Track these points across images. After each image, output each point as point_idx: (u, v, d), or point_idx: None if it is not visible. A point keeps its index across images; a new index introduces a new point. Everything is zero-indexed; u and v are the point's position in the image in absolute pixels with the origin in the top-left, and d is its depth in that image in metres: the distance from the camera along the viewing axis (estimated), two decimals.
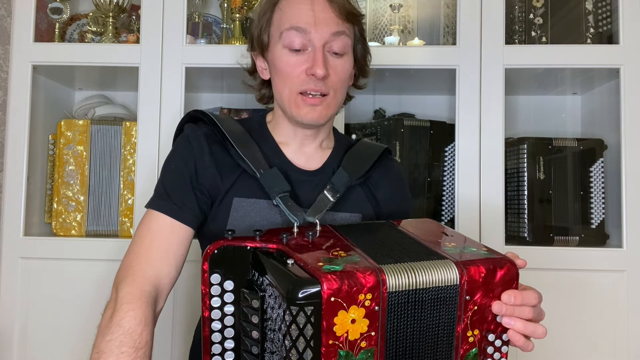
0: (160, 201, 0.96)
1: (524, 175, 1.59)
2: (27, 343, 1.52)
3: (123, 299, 0.86)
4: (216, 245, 0.77)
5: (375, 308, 0.67)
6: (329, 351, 0.66)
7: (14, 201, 1.54)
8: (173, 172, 0.98)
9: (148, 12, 1.56)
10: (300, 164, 1.03)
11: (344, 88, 1.01)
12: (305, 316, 0.65)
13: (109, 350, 0.79)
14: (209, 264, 0.77)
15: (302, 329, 0.66)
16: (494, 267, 0.74)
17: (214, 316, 0.77)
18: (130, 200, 1.61)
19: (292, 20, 0.95)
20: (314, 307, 0.65)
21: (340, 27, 0.95)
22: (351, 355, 0.67)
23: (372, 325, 0.67)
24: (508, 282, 0.75)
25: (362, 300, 0.67)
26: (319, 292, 0.65)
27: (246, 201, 0.97)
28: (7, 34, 1.59)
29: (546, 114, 1.87)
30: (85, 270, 1.52)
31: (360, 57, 1.04)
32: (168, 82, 1.54)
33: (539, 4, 1.62)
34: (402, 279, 0.70)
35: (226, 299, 0.78)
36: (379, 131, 1.67)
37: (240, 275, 0.78)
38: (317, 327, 0.65)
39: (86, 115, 1.76)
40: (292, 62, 0.95)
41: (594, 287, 1.49)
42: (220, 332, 0.78)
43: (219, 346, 0.78)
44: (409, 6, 1.68)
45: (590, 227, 1.59)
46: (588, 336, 1.49)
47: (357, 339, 0.67)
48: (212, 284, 0.77)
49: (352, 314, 0.66)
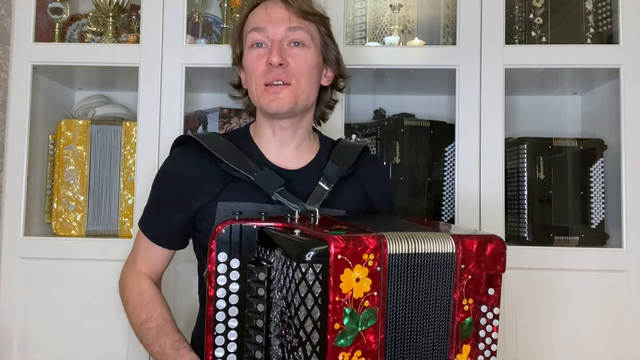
0: (145, 222, 1.13)
1: (524, 175, 1.59)
2: (27, 343, 1.52)
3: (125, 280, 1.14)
4: (224, 224, 0.81)
5: (377, 269, 0.72)
6: (335, 308, 0.69)
7: (14, 201, 1.54)
8: (155, 195, 1.12)
9: (148, 12, 1.55)
10: (284, 165, 1.10)
11: (310, 79, 1.06)
12: (314, 273, 0.69)
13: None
14: (216, 242, 0.80)
15: (311, 286, 0.69)
16: (485, 241, 0.81)
17: (219, 294, 0.79)
18: (130, 200, 1.60)
19: (253, 24, 1.07)
20: (323, 264, 0.69)
21: (295, 24, 1.04)
22: (355, 313, 0.70)
23: (374, 285, 0.71)
24: (497, 255, 0.82)
25: (366, 260, 0.71)
26: (327, 250, 0.69)
27: (229, 204, 1.03)
28: (7, 34, 1.60)
29: (546, 114, 1.86)
30: (85, 270, 1.52)
31: (331, 56, 1.11)
32: (168, 82, 1.54)
33: (539, 4, 1.62)
34: (402, 244, 0.75)
35: (232, 277, 0.80)
36: (379, 131, 1.67)
37: (246, 253, 0.81)
38: (324, 284, 0.69)
39: (86, 115, 1.76)
40: (255, 57, 1.05)
41: (594, 287, 1.49)
42: (224, 311, 0.80)
43: (222, 325, 0.79)
44: (409, 6, 1.67)
45: (590, 227, 1.59)
46: (588, 336, 1.49)
47: (361, 298, 0.71)
48: (219, 262, 0.80)
49: (356, 272, 0.70)
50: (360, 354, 0.70)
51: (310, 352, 0.69)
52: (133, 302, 1.10)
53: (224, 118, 1.72)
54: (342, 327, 0.69)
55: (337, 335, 0.69)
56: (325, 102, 1.17)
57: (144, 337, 1.04)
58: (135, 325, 1.07)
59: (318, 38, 1.08)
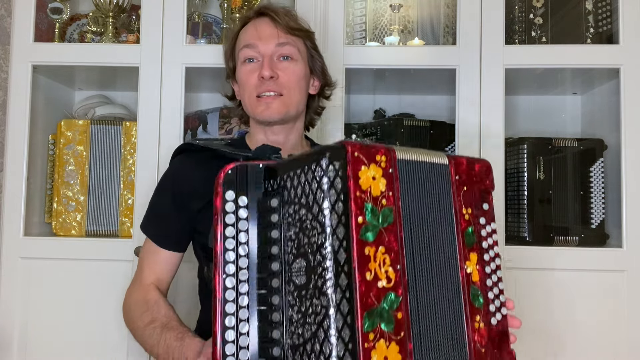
0: (147, 224, 1.14)
1: (524, 175, 1.59)
2: (27, 343, 1.52)
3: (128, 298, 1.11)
4: (229, 166, 0.81)
5: (390, 170, 0.76)
6: (357, 202, 0.71)
7: (14, 201, 1.54)
8: (156, 199, 1.15)
9: (148, 12, 1.56)
10: None
11: (299, 89, 1.13)
12: (334, 170, 0.72)
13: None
14: (223, 182, 0.80)
15: (332, 181, 0.72)
16: (472, 161, 0.91)
17: (228, 233, 0.79)
18: (130, 200, 1.60)
19: (244, 41, 1.14)
20: (341, 161, 0.72)
21: (283, 39, 1.11)
22: (375, 210, 0.73)
23: (389, 185, 0.76)
24: (485, 171, 0.92)
25: (379, 160, 0.75)
26: (344, 148, 0.72)
27: None
28: (7, 34, 1.60)
29: (546, 114, 1.86)
30: (85, 270, 1.52)
31: (317, 67, 1.19)
32: (168, 82, 1.54)
33: (539, 4, 1.62)
34: (407, 153, 0.82)
35: (241, 215, 0.80)
36: (379, 131, 1.67)
37: (253, 191, 0.82)
38: (344, 180, 0.71)
39: (86, 115, 1.76)
40: (248, 71, 1.12)
41: (594, 287, 1.49)
42: (233, 251, 0.79)
43: (232, 265, 0.78)
44: (409, 6, 1.67)
45: (590, 227, 1.59)
46: (588, 336, 1.49)
47: (379, 196, 0.74)
48: (227, 201, 0.80)
49: (372, 171, 0.74)
50: (383, 250, 0.72)
51: (338, 246, 0.70)
52: (138, 309, 1.06)
53: (224, 118, 1.72)
54: (365, 221, 0.71)
55: (362, 229, 0.71)
56: (314, 109, 1.23)
57: (149, 338, 1.01)
58: (139, 329, 1.04)
59: (305, 51, 1.16)
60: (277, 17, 1.12)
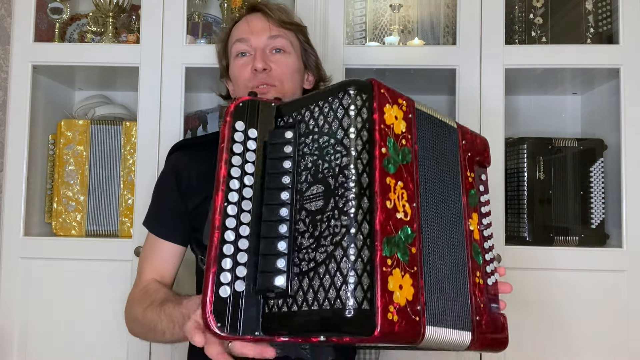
0: (149, 218, 1.13)
1: (524, 175, 1.59)
2: (27, 343, 1.52)
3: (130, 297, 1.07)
4: (241, 99, 0.79)
5: (409, 115, 0.79)
6: (381, 134, 0.73)
7: (14, 201, 1.54)
8: (156, 196, 1.15)
9: (148, 12, 1.56)
10: None
11: (293, 82, 1.13)
12: (361, 100, 0.73)
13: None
14: (233, 113, 0.78)
15: (359, 109, 0.73)
16: (474, 134, 0.97)
17: (234, 162, 0.75)
18: (130, 200, 1.60)
19: (236, 36, 1.14)
20: (368, 95, 0.74)
21: (275, 32, 1.12)
22: (397, 146, 0.75)
23: (407, 128, 0.78)
24: (484, 146, 0.98)
25: (401, 104, 0.78)
26: (371, 84, 0.75)
27: None
28: (7, 34, 1.60)
29: (546, 114, 1.86)
30: (85, 270, 1.52)
31: (311, 62, 1.19)
32: (168, 82, 1.54)
33: (539, 4, 1.62)
34: (424, 107, 0.85)
35: (249, 146, 0.77)
36: None
37: (264, 126, 0.80)
38: (371, 111, 0.73)
39: (86, 115, 1.76)
40: (241, 65, 1.12)
41: (594, 287, 1.49)
42: (238, 180, 0.75)
43: (235, 194, 0.74)
44: (409, 6, 1.67)
45: (590, 227, 1.59)
46: (587, 336, 1.49)
47: (399, 135, 0.76)
48: (236, 130, 0.77)
49: (394, 110, 0.76)
50: (402, 185, 0.73)
51: (362, 170, 0.70)
52: (137, 301, 1.02)
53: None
54: (387, 153, 0.72)
55: (384, 160, 0.72)
56: None
57: (151, 321, 0.94)
58: (140, 318, 0.98)
59: (297, 45, 1.16)
60: (270, 11, 1.13)
